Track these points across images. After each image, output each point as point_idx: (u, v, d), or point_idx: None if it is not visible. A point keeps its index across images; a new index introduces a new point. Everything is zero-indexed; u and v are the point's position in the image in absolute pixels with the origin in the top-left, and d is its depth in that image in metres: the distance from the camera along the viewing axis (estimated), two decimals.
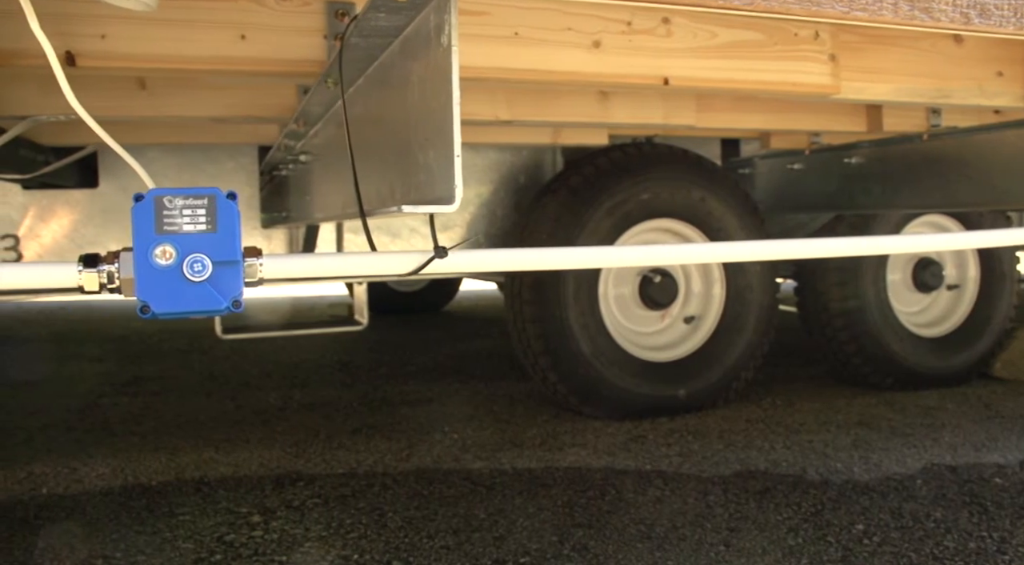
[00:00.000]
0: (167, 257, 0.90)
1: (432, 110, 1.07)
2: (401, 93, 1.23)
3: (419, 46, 1.12)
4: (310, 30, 1.51)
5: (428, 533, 1.96)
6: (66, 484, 2.31)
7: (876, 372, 3.25)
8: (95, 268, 1.01)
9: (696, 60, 1.75)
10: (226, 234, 0.92)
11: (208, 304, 0.91)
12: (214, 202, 0.93)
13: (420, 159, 1.14)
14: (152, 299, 0.89)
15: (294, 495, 2.21)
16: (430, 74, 1.07)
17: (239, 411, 3.13)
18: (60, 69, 1.05)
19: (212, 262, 0.91)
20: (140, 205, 0.90)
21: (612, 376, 2.86)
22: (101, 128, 1.08)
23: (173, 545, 1.90)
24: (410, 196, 1.18)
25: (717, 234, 2.98)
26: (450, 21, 0.98)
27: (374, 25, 1.15)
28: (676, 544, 1.90)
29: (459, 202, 0.98)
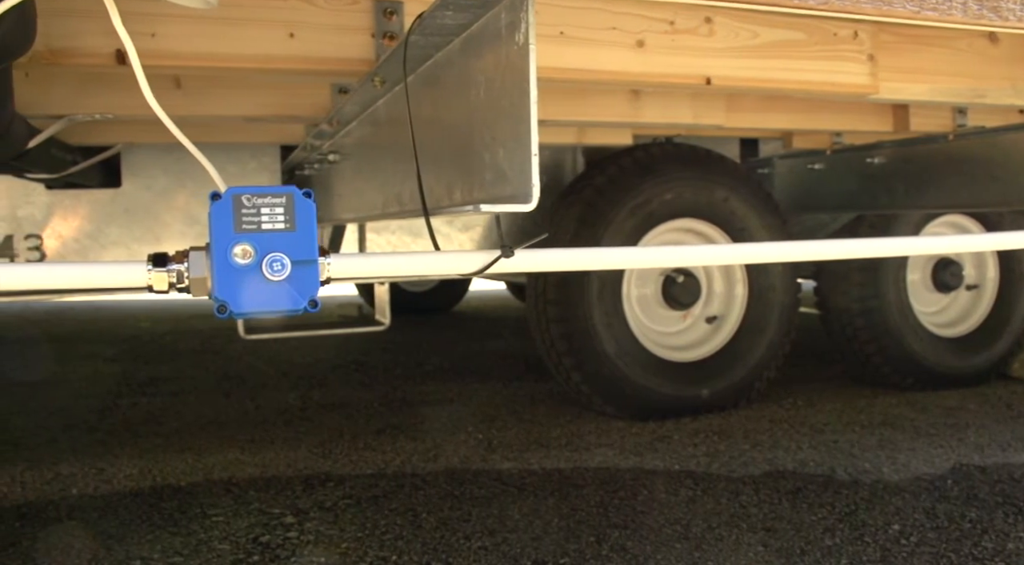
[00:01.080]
0: (246, 256, 0.90)
1: (502, 109, 1.06)
2: (462, 92, 1.22)
3: (485, 44, 1.12)
4: (358, 29, 1.50)
5: (464, 534, 1.95)
6: (95, 485, 2.30)
7: (896, 372, 3.25)
8: (164, 268, 1.01)
9: (738, 60, 1.75)
10: (304, 233, 0.92)
11: (287, 303, 0.90)
12: (292, 200, 0.92)
13: (486, 158, 1.13)
14: (231, 298, 0.88)
15: (325, 496, 2.20)
16: (500, 73, 1.06)
17: (260, 411, 3.12)
18: (140, 69, 1.04)
19: (291, 261, 0.90)
20: (219, 204, 0.89)
21: (636, 376, 2.86)
22: (175, 126, 1.08)
23: (209, 546, 1.90)
24: (474, 195, 1.18)
25: (740, 234, 2.97)
26: (527, 19, 0.98)
27: (438, 23, 1.15)
28: (714, 544, 1.90)
29: (536, 201, 0.98)
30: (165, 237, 2.87)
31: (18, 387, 3.58)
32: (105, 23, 1.39)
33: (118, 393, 3.43)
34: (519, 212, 1.06)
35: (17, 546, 1.89)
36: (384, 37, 1.51)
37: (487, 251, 1.12)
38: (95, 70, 1.58)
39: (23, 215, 2.71)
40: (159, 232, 2.86)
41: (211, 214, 0.89)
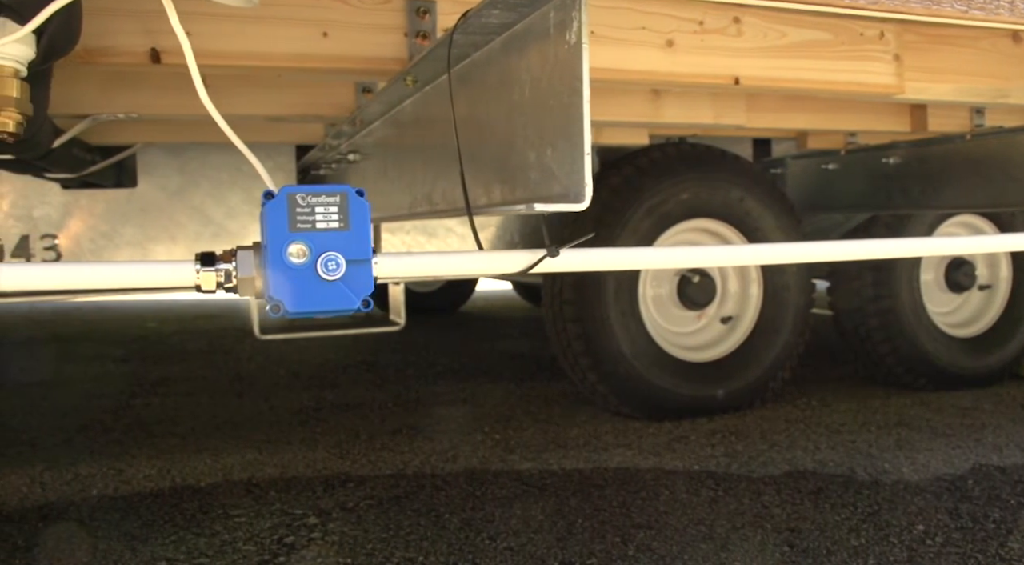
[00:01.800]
0: (301, 256, 0.89)
1: (550, 108, 1.06)
2: (502, 91, 1.22)
3: (530, 43, 1.11)
4: (391, 28, 1.50)
5: (488, 534, 1.95)
6: (115, 485, 2.29)
7: (909, 372, 3.25)
8: (213, 267, 1.00)
9: (766, 60, 1.75)
10: (359, 232, 0.91)
11: (341, 303, 0.90)
12: (346, 200, 0.92)
13: (531, 157, 1.13)
14: (286, 298, 0.88)
15: (346, 497, 2.20)
16: (548, 72, 1.06)
17: (274, 412, 3.12)
18: (195, 68, 1.04)
19: (346, 261, 0.90)
20: (273, 203, 0.89)
21: (652, 376, 2.86)
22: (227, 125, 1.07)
23: (234, 547, 1.89)
24: (516, 194, 1.18)
25: (754, 234, 2.97)
26: (580, 18, 0.97)
27: (483, 22, 1.15)
28: (739, 545, 1.90)
29: (589, 200, 0.98)
30: (180, 237, 2.86)
31: (30, 387, 3.57)
32: (140, 22, 1.39)
33: (130, 393, 3.43)
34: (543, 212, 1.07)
35: (41, 547, 1.89)
36: (417, 36, 1.51)
37: (532, 251, 1.12)
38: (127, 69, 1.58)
39: (39, 215, 2.71)
40: (174, 232, 2.85)
41: (266, 213, 0.89)
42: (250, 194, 2.93)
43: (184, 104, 1.92)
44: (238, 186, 2.91)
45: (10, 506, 2.14)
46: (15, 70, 0.98)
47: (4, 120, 0.97)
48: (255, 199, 2.96)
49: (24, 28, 0.94)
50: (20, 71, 0.99)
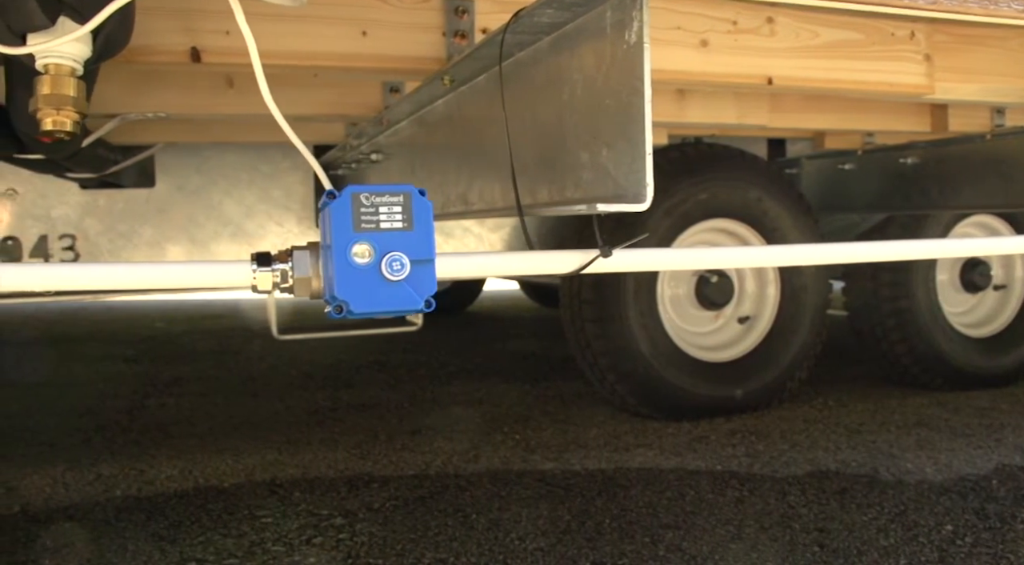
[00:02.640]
0: (365, 256, 0.89)
1: (606, 108, 1.06)
2: (550, 91, 1.22)
3: (583, 43, 1.11)
4: (429, 27, 1.49)
5: (517, 535, 1.95)
6: (138, 486, 2.29)
7: (926, 372, 3.26)
8: (269, 267, 1.00)
9: (798, 60, 1.74)
10: (422, 232, 0.91)
11: (406, 304, 0.89)
12: (410, 200, 0.91)
13: (584, 157, 1.13)
14: (351, 298, 0.87)
15: (371, 497, 2.19)
16: (603, 71, 1.06)
17: (290, 412, 3.11)
18: (259, 66, 1.03)
19: (410, 261, 0.89)
20: (337, 202, 0.88)
21: (671, 376, 2.85)
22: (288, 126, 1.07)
23: (263, 548, 1.89)
24: (566, 194, 1.17)
25: (772, 234, 2.97)
26: (641, 18, 0.97)
27: (535, 21, 1.14)
28: (769, 545, 1.89)
29: (650, 200, 0.98)
30: (199, 238, 2.85)
31: (44, 387, 3.56)
32: (180, 20, 1.39)
33: (144, 393, 3.42)
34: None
35: (71, 547, 1.88)
36: (455, 36, 1.50)
37: (584, 251, 1.12)
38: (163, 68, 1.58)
39: (57, 215, 2.70)
40: (193, 232, 2.85)
41: (329, 213, 0.88)
42: (267, 193, 2.93)
43: (212, 104, 1.91)
44: (256, 186, 2.90)
45: (36, 506, 2.13)
46: (72, 69, 0.97)
47: (62, 119, 0.96)
48: (272, 198, 2.96)
49: (84, 27, 0.93)
50: (77, 70, 0.98)
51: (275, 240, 2.91)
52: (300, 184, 2.97)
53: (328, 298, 0.92)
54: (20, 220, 2.66)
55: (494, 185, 1.44)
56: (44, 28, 0.92)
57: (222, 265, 0.99)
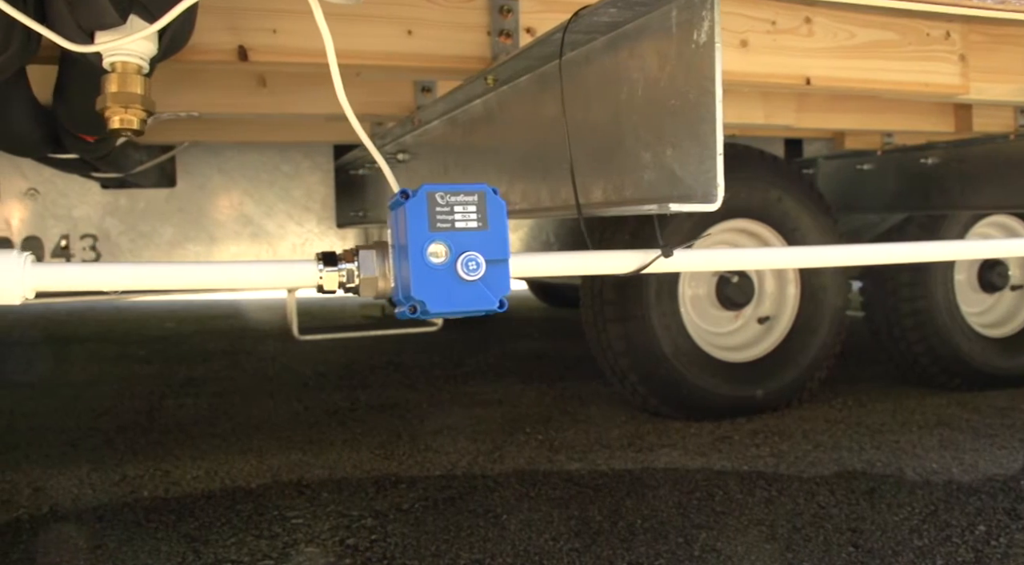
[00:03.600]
0: (440, 255, 0.88)
1: (671, 108, 1.05)
2: (607, 90, 1.21)
3: (645, 42, 1.11)
4: (474, 26, 1.49)
5: (551, 536, 1.94)
6: (164, 487, 2.28)
7: (944, 372, 3.26)
8: (336, 267, 1.00)
9: (835, 60, 1.74)
10: (497, 232, 0.91)
11: (481, 303, 0.89)
12: (484, 199, 0.91)
13: (645, 157, 1.12)
14: (428, 298, 0.87)
15: (400, 498, 2.19)
16: (667, 71, 1.06)
17: (309, 412, 3.10)
18: (335, 64, 1.03)
19: (485, 260, 0.89)
20: (413, 201, 0.88)
21: (693, 376, 2.85)
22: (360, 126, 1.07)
23: (297, 549, 1.88)
24: (624, 194, 1.17)
25: (792, 234, 2.97)
26: (711, 18, 0.97)
27: (594, 21, 1.14)
28: (804, 545, 1.89)
29: (721, 200, 0.98)
30: (219, 237, 2.85)
31: (60, 387, 3.55)
32: (227, 19, 1.38)
33: (161, 394, 3.41)
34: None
35: (103, 548, 1.87)
36: (500, 35, 1.50)
37: (644, 251, 1.12)
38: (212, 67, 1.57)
39: (78, 215, 2.69)
40: (213, 231, 2.84)
41: (406, 212, 0.88)
42: (287, 192, 2.92)
43: (244, 103, 1.91)
44: (277, 185, 2.90)
45: (64, 507, 2.12)
46: (139, 67, 0.97)
47: (130, 117, 0.96)
48: (293, 198, 2.95)
49: (155, 25, 0.93)
50: (143, 68, 0.98)
51: (295, 240, 2.91)
52: (320, 184, 2.97)
53: (400, 298, 0.91)
54: (42, 220, 2.66)
55: (540, 185, 1.44)
56: (115, 26, 0.91)
57: (289, 265, 0.99)
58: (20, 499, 2.18)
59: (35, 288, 0.94)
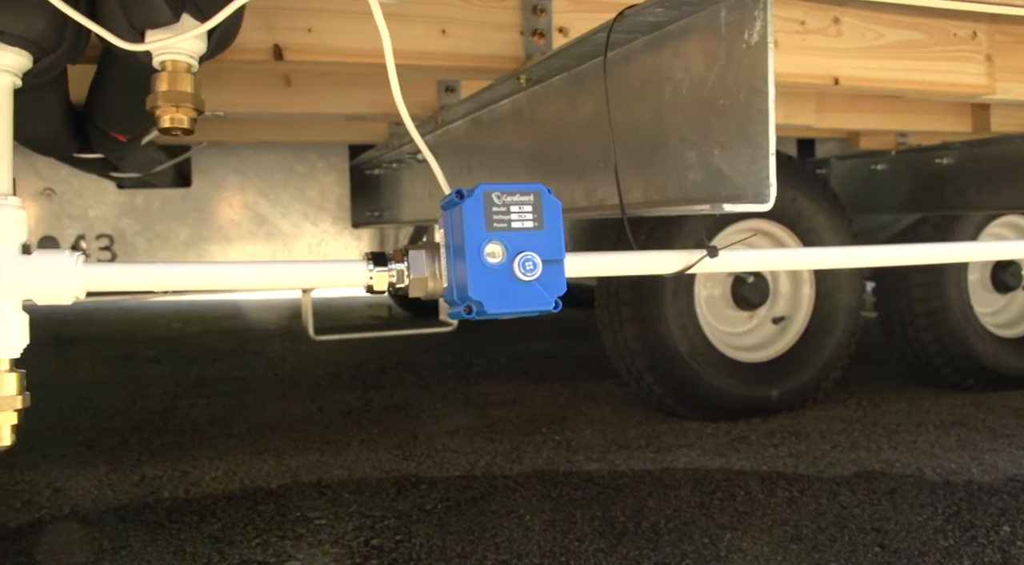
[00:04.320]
0: (497, 256, 0.88)
1: (720, 108, 1.05)
2: (648, 90, 1.21)
3: (691, 42, 1.10)
4: (507, 26, 1.49)
5: (575, 536, 1.94)
6: (184, 487, 2.27)
7: (958, 372, 3.26)
8: (386, 267, 0.99)
9: (863, 60, 1.74)
10: (552, 232, 0.90)
11: (538, 304, 0.89)
12: (540, 199, 0.91)
13: (690, 157, 1.12)
14: (486, 299, 0.87)
15: (421, 498, 2.18)
16: (715, 71, 1.05)
17: (323, 413, 3.10)
18: (393, 66, 1.02)
19: (542, 260, 0.89)
20: (470, 201, 0.88)
21: (709, 377, 2.85)
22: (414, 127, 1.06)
23: (322, 550, 1.87)
24: (667, 194, 1.17)
25: (808, 235, 2.97)
26: (764, 18, 0.97)
27: (639, 20, 1.14)
28: (829, 545, 1.89)
29: (773, 200, 0.97)
30: (235, 237, 2.84)
31: (71, 388, 3.55)
32: (261, 17, 1.38)
33: (173, 394, 3.40)
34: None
35: (128, 548, 1.87)
36: (533, 34, 1.50)
37: (690, 251, 1.11)
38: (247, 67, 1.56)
39: (94, 215, 2.68)
40: (228, 231, 2.83)
41: (463, 212, 0.87)
42: (302, 192, 2.92)
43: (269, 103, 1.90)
44: (292, 185, 2.89)
45: (85, 508, 2.12)
46: (188, 65, 0.97)
47: (180, 116, 0.95)
48: (308, 198, 2.94)
49: (207, 24, 0.92)
50: (193, 66, 0.97)
51: (311, 240, 2.90)
52: (335, 184, 2.96)
53: (455, 298, 0.91)
54: (58, 220, 2.65)
55: (574, 186, 1.43)
56: (169, 24, 0.91)
57: (340, 265, 0.99)
58: (41, 500, 2.18)
59: (86, 288, 0.94)
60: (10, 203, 0.92)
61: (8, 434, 0.93)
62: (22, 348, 0.94)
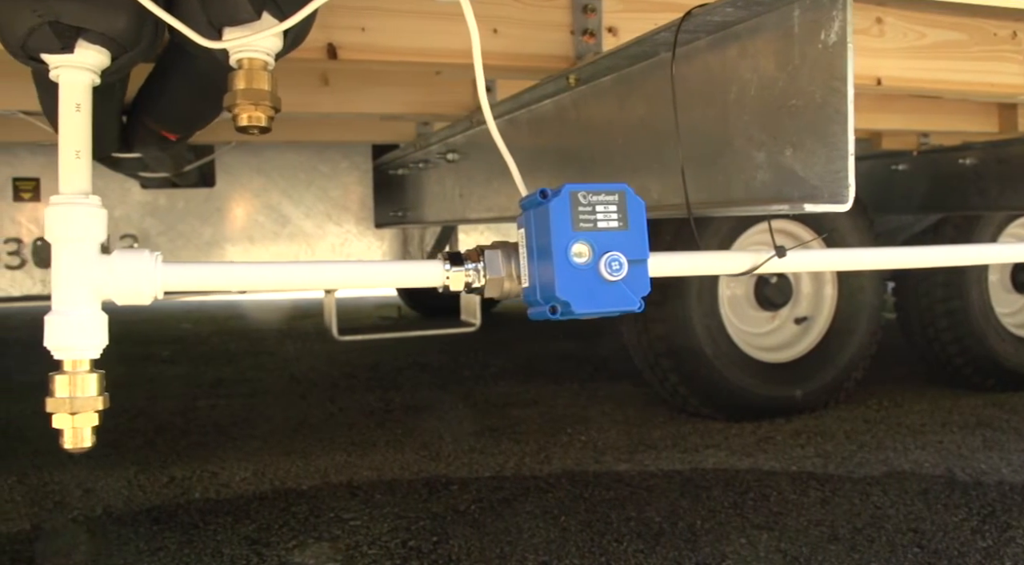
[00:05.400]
0: (583, 256, 0.88)
1: (793, 109, 1.05)
2: (710, 90, 1.20)
3: (761, 42, 1.10)
4: (557, 25, 1.48)
5: (613, 537, 1.94)
6: (215, 489, 2.26)
7: (978, 373, 3.27)
8: (462, 267, 0.99)
9: (906, 60, 1.74)
10: (637, 232, 0.90)
11: (623, 304, 0.88)
12: (624, 199, 0.90)
13: (757, 157, 1.12)
14: (573, 299, 0.86)
15: (454, 499, 2.18)
16: (788, 71, 1.05)
17: (344, 414, 3.09)
18: (480, 66, 1.02)
19: (627, 260, 0.88)
20: (557, 201, 0.87)
21: (733, 377, 2.85)
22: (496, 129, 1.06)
23: (360, 552, 1.87)
24: (732, 194, 1.16)
25: (831, 235, 2.97)
26: (843, 18, 0.96)
27: (706, 20, 1.13)
28: (868, 546, 1.89)
29: (852, 201, 0.97)
30: (258, 237, 2.83)
31: None
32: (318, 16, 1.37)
33: (192, 395, 3.39)
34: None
35: (165, 550, 1.86)
36: (584, 34, 1.49)
37: (758, 252, 1.11)
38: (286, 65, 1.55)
39: (119, 215, 2.67)
40: (252, 232, 2.82)
41: (550, 211, 0.87)
42: (326, 193, 2.91)
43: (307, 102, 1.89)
44: (315, 185, 2.88)
45: (118, 509, 2.11)
46: (265, 63, 0.96)
47: (259, 114, 0.95)
48: (331, 198, 2.94)
49: (288, 21, 0.92)
50: (269, 64, 0.97)
51: (334, 240, 2.89)
52: (358, 184, 2.95)
53: (538, 298, 0.90)
54: None
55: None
56: (251, 21, 0.90)
57: (415, 264, 0.98)
58: (72, 500, 2.17)
59: (165, 288, 0.94)
60: (91, 202, 0.92)
61: (89, 435, 0.92)
62: (102, 349, 0.94)
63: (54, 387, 0.91)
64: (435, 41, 1.41)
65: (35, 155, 2.56)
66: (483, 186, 2.18)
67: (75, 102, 0.91)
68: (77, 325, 0.90)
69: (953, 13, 1.75)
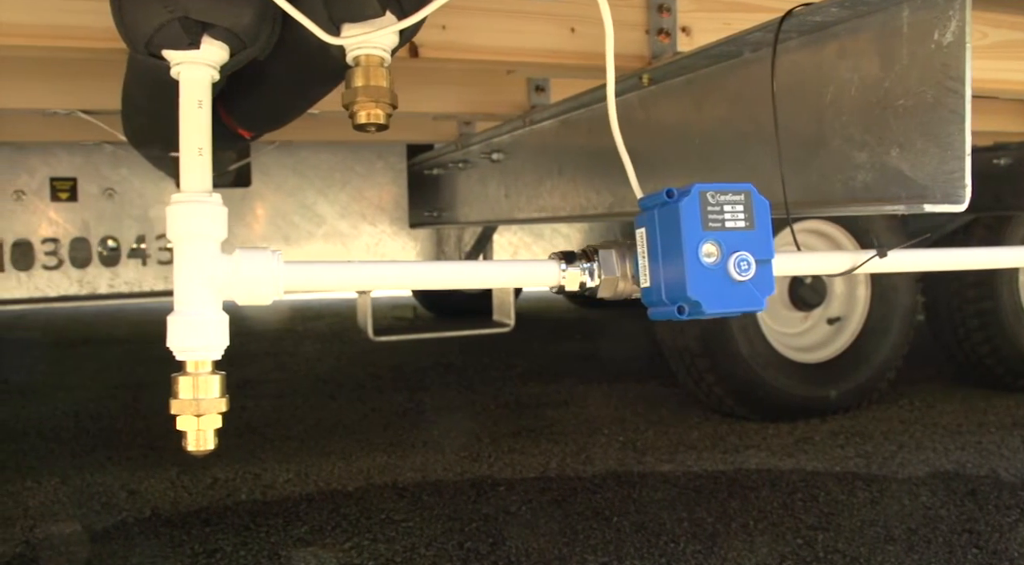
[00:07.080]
0: (712, 255, 0.87)
1: (900, 109, 1.04)
2: (804, 90, 1.20)
3: (863, 42, 1.09)
4: (633, 24, 1.47)
5: (668, 538, 1.93)
6: (260, 490, 2.25)
7: (1009, 373, 3.27)
8: (577, 266, 0.99)
9: None
10: (762, 231, 0.90)
11: (750, 304, 0.88)
12: (750, 198, 0.90)
13: (858, 158, 1.11)
14: (704, 299, 0.86)
15: (503, 500, 2.17)
16: (895, 72, 1.05)
17: (377, 414, 3.08)
18: (612, 63, 1.01)
19: (755, 260, 0.88)
20: (687, 201, 0.87)
21: (769, 377, 2.85)
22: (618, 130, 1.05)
23: (416, 553, 1.86)
24: (830, 195, 1.16)
25: (865, 236, 2.97)
26: (962, 17, 0.96)
27: (806, 20, 1.13)
28: (925, 546, 1.89)
29: (967, 201, 0.97)
30: (293, 237, 2.82)
31: (116, 389, 3.52)
32: None
33: None
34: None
35: (221, 552, 1.85)
36: (659, 34, 1.49)
37: (857, 252, 1.11)
38: None
39: (155, 215, 2.66)
40: (287, 231, 2.81)
41: (680, 211, 0.86)
42: (361, 193, 2.90)
43: None
44: (350, 186, 2.87)
45: (165, 510, 2.10)
46: (382, 59, 0.95)
47: (378, 111, 0.94)
48: (366, 198, 2.93)
49: (409, 19, 0.91)
50: (386, 61, 0.96)
51: (368, 240, 2.88)
52: (393, 184, 2.94)
53: (665, 299, 0.90)
54: (119, 220, 2.62)
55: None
56: (375, 18, 0.89)
57: (532, 264, 0.97)
58: (119, 502, 2.15)
59: (287, 288, 0.93)
60: (212, 200, 0.91)
61: (212, 437, 0.91)
62: (223, 349, 0.93)
63: (178, 389, 0.91)
64: (509, 40, 1.40)
65: (72, 155, 2.55)
66: (533, 186, 2.17)
67: (197, 99, 0.90)
68: (200, 326, 0.89)
69: (1017, 12, 1.75)
